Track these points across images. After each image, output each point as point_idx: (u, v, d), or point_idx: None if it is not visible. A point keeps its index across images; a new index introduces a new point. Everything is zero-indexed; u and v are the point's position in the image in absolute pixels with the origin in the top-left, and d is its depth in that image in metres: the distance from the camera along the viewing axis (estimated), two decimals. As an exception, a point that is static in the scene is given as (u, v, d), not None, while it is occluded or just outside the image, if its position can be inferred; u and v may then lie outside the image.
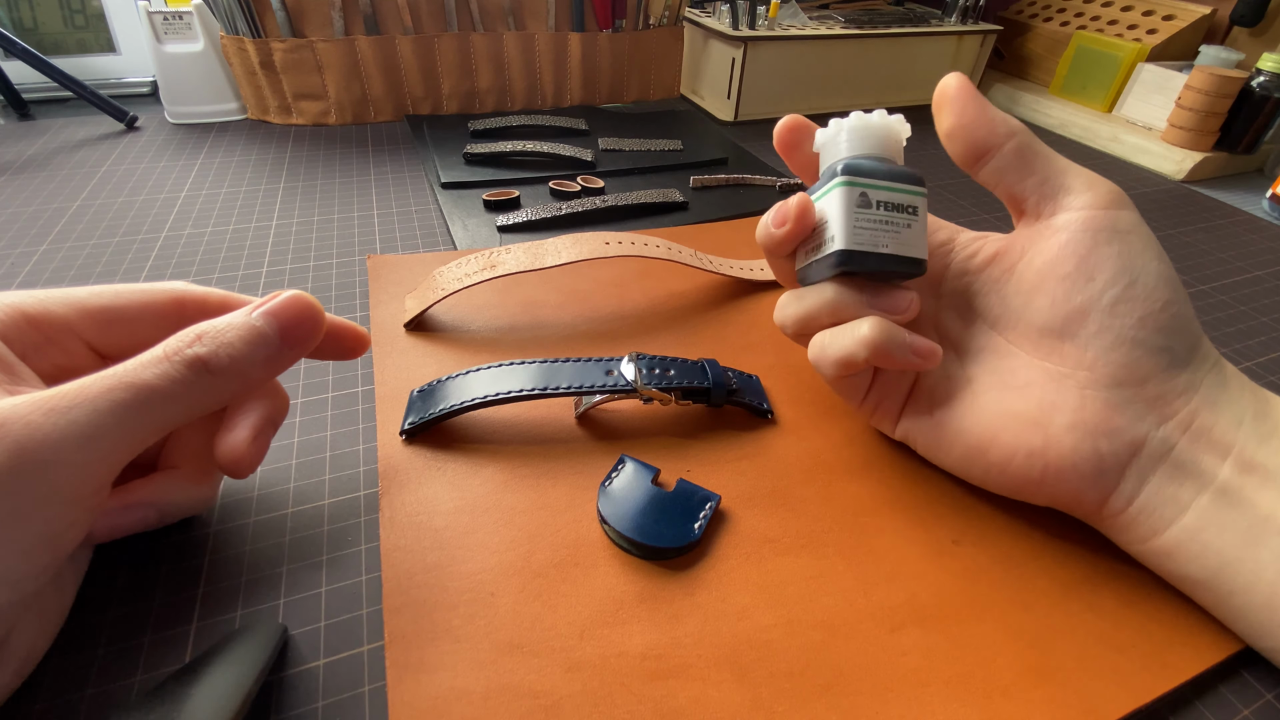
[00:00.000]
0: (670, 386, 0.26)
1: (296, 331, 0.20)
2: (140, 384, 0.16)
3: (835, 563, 0.23)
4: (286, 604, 0.21)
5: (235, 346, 0.18)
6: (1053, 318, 0.22)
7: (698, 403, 0.28)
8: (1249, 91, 0.59)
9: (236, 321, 0.19)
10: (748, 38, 0.62)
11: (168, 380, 0.17)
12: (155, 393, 0.17)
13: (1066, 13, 0.77)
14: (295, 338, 0.20)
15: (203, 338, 0.18)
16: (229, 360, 0.18)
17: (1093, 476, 0.22)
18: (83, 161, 0.50)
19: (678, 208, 0.47)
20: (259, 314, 0.19)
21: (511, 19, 0.60)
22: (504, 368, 0.27)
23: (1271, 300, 0.42)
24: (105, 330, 0.20)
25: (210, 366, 0.18)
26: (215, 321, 0.18)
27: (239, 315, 0.19)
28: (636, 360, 0.27)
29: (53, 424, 0.15)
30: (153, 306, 0.21)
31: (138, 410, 0.16)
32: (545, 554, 0.22)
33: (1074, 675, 0.20)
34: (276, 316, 0.19)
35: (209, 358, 0.18)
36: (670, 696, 0.19)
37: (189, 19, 0.55)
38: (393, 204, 0.46)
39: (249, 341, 0.18)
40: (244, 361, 0.18)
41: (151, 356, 0.17)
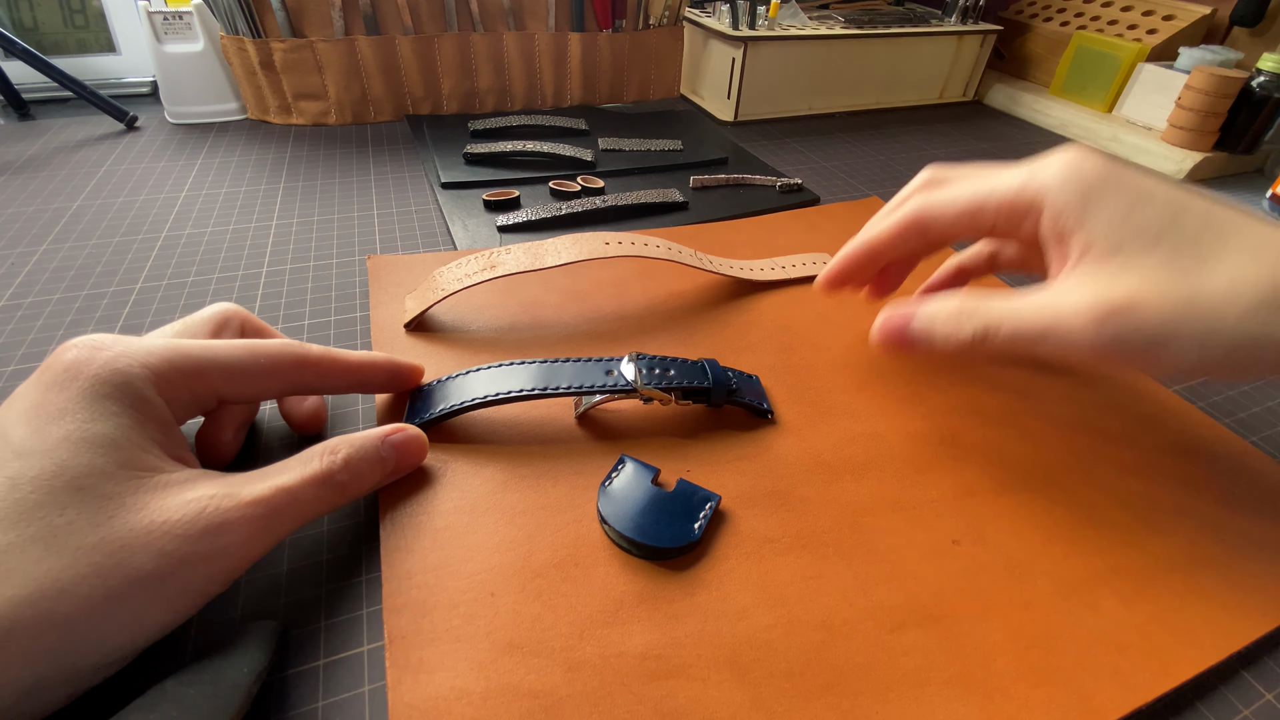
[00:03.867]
0: (670, 386, 0.26)
1: (407, 461, 0.23)
2: (301, 500, 0.19)
3: (835, 563, 0.23)
4: (286, 604, 0.21)
5: (365, 475, 0.21)
6: None
7: (698, 402, 0.28)
8: (1249, 91, 0.59)
9: (369, 451, 0.22)
10: (748, 38, 0.62)
11: (318, 501, 0.20)
12: (306, 507, 0.20)
13: (1066, 13, 0.77)
14: (405, 466, 0.23)
15: (349, 466, 0.21)
16: (357, 485, 0.21)
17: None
18: (83, 161, 0.50)
19: (678, 208, 0.47)
20: (389, 447, 0.22)
21: (511, 19, 0.60)
22: (504, 368, 0.27)
23: (1271, 300, 0.42)
24: (235, 385, 0.21)
25: (344, 491, 0.21)
26: (353, 443, 0.21)
27: (372, 443, 0.22)
28: (636, 360, 0.26)
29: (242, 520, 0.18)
30: (280, 367, 0.22)
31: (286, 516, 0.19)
32: (545, 554, 0.22)
33: (1074, 675, 0.20)
34: (399, 450, 0.23)
35: (347, 482, 0.21)
36: (670, 696, 0.19)
37: (189, 19, 0.55)
38: (393, 204, 0.46)
39: (373, 468, 0.22)
40: (364, 484, 0.22)
41: (306, 475, 0.20)
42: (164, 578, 0.16)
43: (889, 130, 0.68)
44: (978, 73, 0.78)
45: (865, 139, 0.65)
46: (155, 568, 0.16)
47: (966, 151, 0.64)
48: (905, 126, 0.70)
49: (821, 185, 0.53)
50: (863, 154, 0.61)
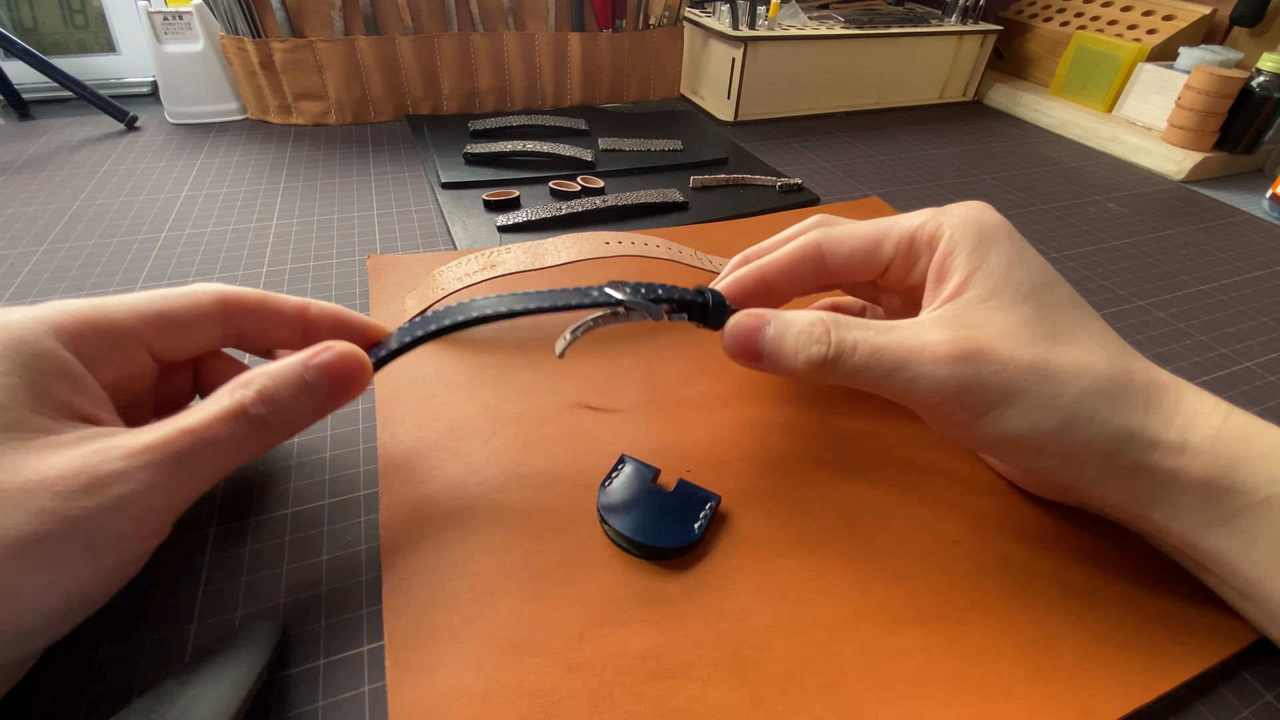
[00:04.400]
0: (657, 295, 0.24)
1: (343, 386, 0.21)
2: (210, 440, 0.18)
3: (835, 563, 0.23)
4: (286, 604, 0.21)
5: (289, 406, 0.19)
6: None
7: (694, 319, 0.25)
8: (1249, 91, 0.59)
9: (290, 377, 0.19)
10: (748, 38, 0.62)
11: (233, 439, 0.18)
12: (220, 448, 0.18)
13: (1066, 13, 0.77)
14: (342, 392, 0.21)
15: (262, 397, 0.19)
16: (281, 418, 0.19)
17: (1063, 500, 0.25)
18: (83, 161, 0.50)
19: (678, 208, 0.47)
20: (313, 369, 0.20)
21: (511, 19, 0.60)
22: (473, 302, 0.24)
23: (1271, 300, 0.42)
24: (161, 335, 0.21)
25: (265, 426, 0.19)
26: (270, 374, 0.19)
27: (292, 369, 0.19)
28: (620, 285, 0.24)
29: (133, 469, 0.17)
30: (201, 309, 0.21)
31: (198, 461, 0.18)
32: (545, 554, 0.22)
33: (1074, 675, 0.20)
34: (328, 373, 0.20)
35: (265, 418, 0.19)
36: (670, 696, 0.19)
37: (189, 19, 0.55)
38: (393, 204, 0.46)
39: (299, 398, 0.19)
40: (294, 417, 0.20)
41: (213, 413, 0.18)
42: (54, 538, 0.16)
43: (889, 130, 0.68)
44: (978, 73, 0.78)
45: (865, 139, 0.65)
46: (37, 528, 0.15)
47: (966, 151, 0.64)
48: (905, 126, 0.70)
49: (821, 185, 0.53)
50: (863, 154, 0.61)
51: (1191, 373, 0.35)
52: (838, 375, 0.21)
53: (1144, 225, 0.51)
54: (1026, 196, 0.55)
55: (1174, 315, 0.40)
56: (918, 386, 0.20)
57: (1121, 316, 0.39)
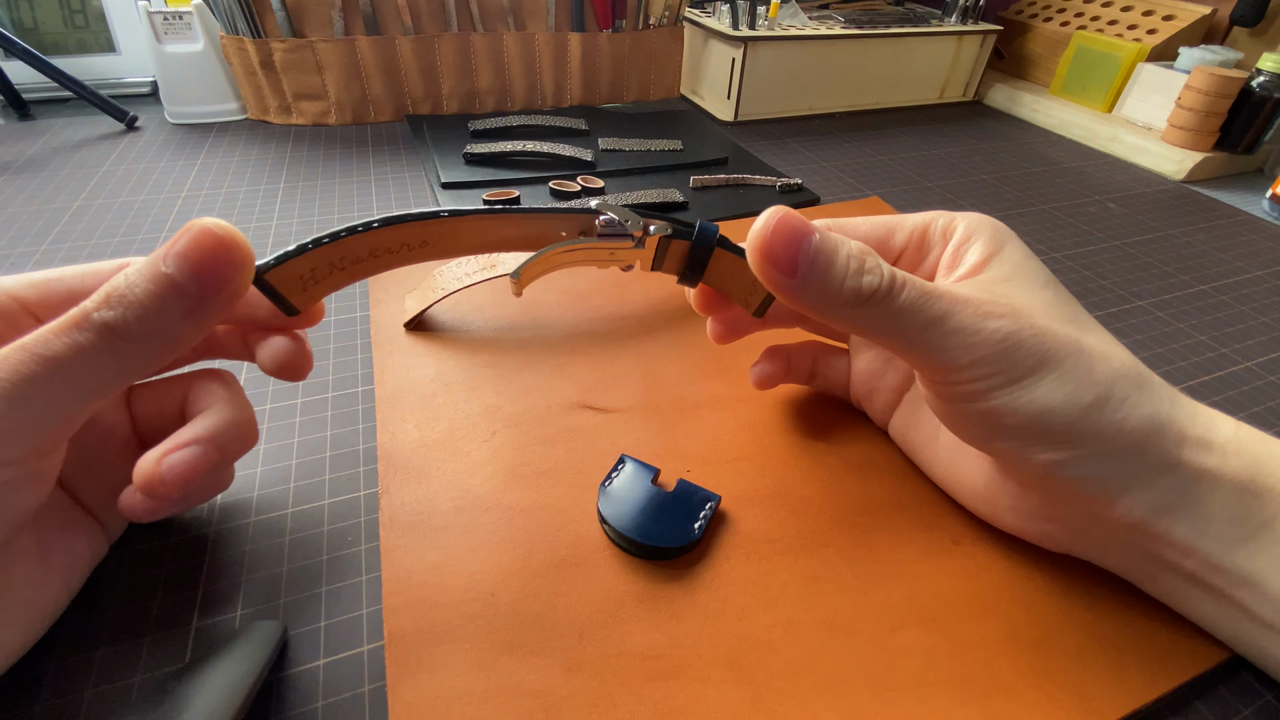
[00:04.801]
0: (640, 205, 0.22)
1: (215, 272, 0.16)
2: (49, 356, 0.15)
3: (835, 563, 0.23)
4: (286, 604, 0.21)
5: (145, 305, 0.16)
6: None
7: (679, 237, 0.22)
8: (1249, 91, 0.59)
9: (144, 272, 0.16)
10: (748, 38, 0.62)
11: (77, 351, 0.15)
12: (65, 364, 0.15)
13: (1066, 13, 0.77)
14: (214, 280, 0.16)
15: (110, 298, 0.16)
16: (139, 322, 0.16)
17: (1050, 542, 0.23)
18: (83, 161, 0.50)
19: (678, 208, 0.47)
20: (171, 257, 0.16)
21: (511, 19, 0.60)
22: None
23: (1271, 300, 0.42)
24: (51, 303, 0.19)
25: (120, 332, 0.16)
26: (124, 274, 0.16)
27: (147, 263, 0.16)
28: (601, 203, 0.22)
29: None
30: (96, 276, 0.19)
31: (51, 383, 0.15)
32: (545, 554, 0.22)
33: (1074, 675, 0.20)
34: (187, 258, 0.16)
35: (116, 323, 0.15)
36: (670, 696, 0.19)
37: (189, 19, 0.55)
38: (393, 204, 0.46)
39: (159, 295, 0.16)
40: (158, 320, 0.16)
41: (60, 324, 0.15)
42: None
43: (889, 130, 0.68)
44: (978, 73, 0.78)
45: (865, 139, 0.65)
46: None
47: (967, 151, 0.64)
48: (905, 126, 0.70)
49: (821, 185, 0.53)
50: (863, 154, 0.61)
51: (1191, 373, 0.35)
52: (873, 315, 0.18)
53: (1144, 225, 0.51)
54: (1026, 196, 0.55)
55: (1174, 315, 0.40)
56: (954, 340, 0.18)
57: (1121, 316, 0.39)
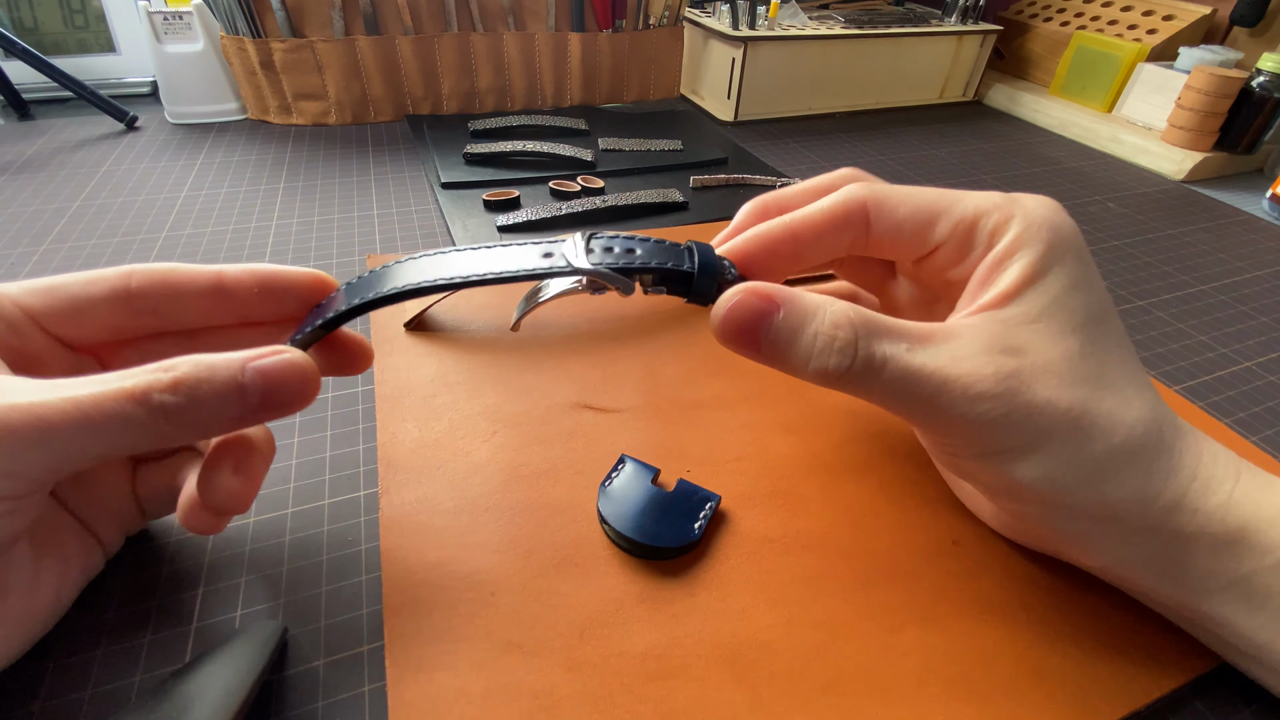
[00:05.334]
0: (632, 268, 0.19)
1: (281, 398, 0.17)
2: (95, 417, 0.15)
3: (835, 563, 0.23)
4: (286, 604, 0.21)
5: (208, 404, 0.16)
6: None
7: (675, 293, 0.20)
8: (1249, 91, 0.59)
9: (223, 372, 0.16)
10: (748, 38, 0.62)
11: (124, 420, 0.15)
12: (106, 427, 0.15)
13: (1066, 13, 0.77)
14: (277, 403, 0.17)
15: (179, 386, 0.16)
16: (194, 414, 0.16)
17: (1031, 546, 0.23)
18: (83, 161, 0.50)
19: (678, 208, 0.47)
20: (251, 371, 0.17)
21: (511, 19, 0.60)
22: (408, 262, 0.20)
23: (1271, 300, 0.42)
24: (56, 312, 0.19)
25: (170, 418, 0.16)
26: (201, 362, 0.16)
27: (230, 363, 0.17)
28: (588, 239, 0.19)
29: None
30: (99, 284, 0.19)
31: (81, 438, 0.15)
32: (545, 554, 0.22)
33: (1074, 675, 0.20)
34: (269, 382, 0.17)
35: (172, 409, 0.16)
36: (670, 696, 0.19)
37: (189, 19, 0.55)
38: (393, 204, 0.46)
39: (225, 398, 0.16)
40: (209, 417, 0.16)
41: (120, 391, 0.15)
42: None
43: (889, 130, 0.68)
44: (978, 73, 0.78)
45: (865, 139, 0.65)
46: None
47: (966, 151, 0.64)
48: (905, 126, 0.70)
49: (821, 185, 0.53)
50: (863, 154, 0.61)
51: (1191, 372, 0.35)
52: (849, 389, 0.18)
53: (1144, 225, 0.51)
54: (1026, 196, 0.55)
55: (1174, 315, 0.40)
56: (936, 418, 0.18)
57: (1121, 316, 0.39)
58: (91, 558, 0.20)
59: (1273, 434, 0.31)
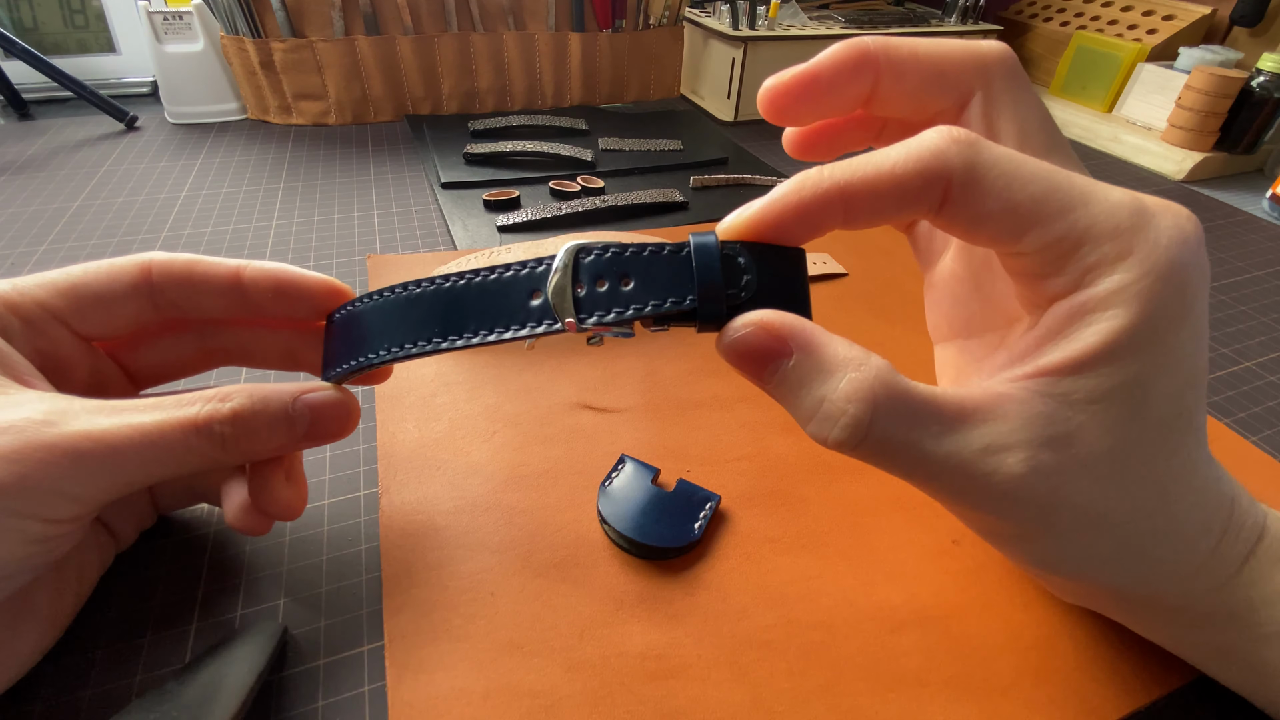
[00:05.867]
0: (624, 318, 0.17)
1: (325, 430, 0.19)
2: (157, 445, 0.16)
3: (835, 563, 0.23)
4: (286, 604, 0.21)
5: (260, 434, 0.18)
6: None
7: (681, 325, 0.17)
8: (1249, 91, 0.59)
9: (274, 406, 0.18)
10: (748, 38, 0.62)
11: (184, 449, 0.16)
12: (163, 454, 0.16)
13: (1066, 13, 0.77)
14: (320, 435, 0.19)
15: (237, 419, 0.17)
16: (246, 445, 0.17)
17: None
18: (83, 161, 0.50)
19: (678, 208, 0.47)
20: (301, 406, 0.18)
21: (511, 19, 0.60)
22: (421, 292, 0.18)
23: (1271, 300, 0.42)
24: (81, 310, 0.19)
25: (226, 446, 0.17)
26: (255, 396, 0.18)
27: (281, 398, 0.18)
28: (577, 262, 0.16)
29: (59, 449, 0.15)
30: (121, 278, 0.20)
31: (134, 461, 0.16)
32: (545, 554, 0.22)
33: (1074, 675, 0.20)
34: (319, 419, 0.18)
35: (229, 439, 0.17)
36: (670, 696, 0.19)
37: (189, 19, 0.55)
38: (393, 204, 0.46)
39: (274, 429, 0.18)
40: (260, 446, 0.18)
41: (181, 419, 0.16)
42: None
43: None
44: (978, 73, 0.78)
45: (865, 139, 0.65)
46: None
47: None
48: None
49: (821, 185, 0.53)
50: (863, 154, 0.61)
51: (1191, 373, 0.35)
52: (855, 457, 0.16)
53: (1144, 225, 0.51)
54: (1026, 196, 0.55)
55: (1174, 315, 0.40)
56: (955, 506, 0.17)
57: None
58: (106, 552, 0.21)
59: (1273, 434, 0.31)
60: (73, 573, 0.19)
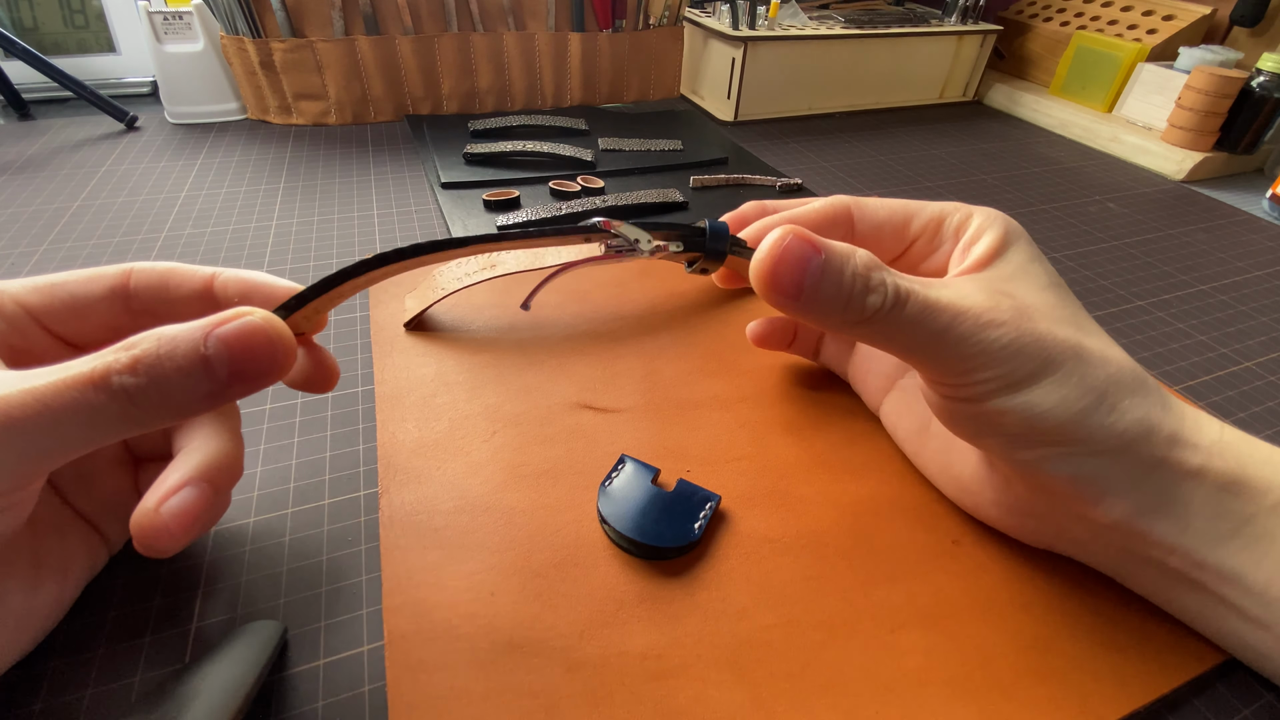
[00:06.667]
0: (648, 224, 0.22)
1: (252, 367, 0.16)
2: (57, 407, 0.14)
3: (835, 563, 0.23)
4: (286, 604, 0.21)
5: (171, 380, 0.15)
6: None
7: (691, 250, 0.23)
8: (1249, 91, 0.59)
9: (180, 345, 0.15)
10: (748, 38, 0.62)
11: (88, 409, 0.15)
12: (70, 417, 0.14)
13: (1066, 13, 0.77)
14: (248, 375, 0.16)
15: (138, 365, 0.15)
16: (159, 394, 0.15)
17: (1032, 537, 0.23)
18: (83, 161, 0.50)
19: (678, 208, 0.47)
20: (217, 341, 0.15)
21: (511, 19, 0.60)
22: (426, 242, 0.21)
23: (1271, 300, 0.42)
24: (55, 309, 0.19)
25: (136, 398, 0.15)
26: (162, 336, 0.15)
27: (191, 334, 0.15)
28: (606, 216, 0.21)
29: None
30: (100, 281, 0.19)
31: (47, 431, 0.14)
32: (545, 554, 0.22)
33: (1074, 675, 0.20)
34: (232, 350, 0.15)
35: (135, 390, 0.15)
36: (670, 696, 0.19)
37: (189, 19, 0.55)
38: (393, 204, 0.46)
39: (189, 373, 0.15)
40: (178, 395, 0.15)
41: (77, 376, 0.15)
42: None
43: (889, 130, 0.68)
44: (978, 73, 0.78)
45: (865, 139, 0.65)
46: None
47: (966, 151, 0.64)
48: (905, 126, 0.70)
49: (821, 185, 0.53)
50: (863, 154, 0.61)
51: (1191, 372, 0.35)
52: (876, 330, 0.19)
53: (1144, 225, 0.51)
54: (1026, 196, 0.55)
55: (1174, 315, 0.40)
56: (956, 350, 0.18)
57: (1121, 316, 0.39)
58: (95, 554, 0.20)
59: (1273, 434, 0.31)
60: (52, 570, 0.19)
